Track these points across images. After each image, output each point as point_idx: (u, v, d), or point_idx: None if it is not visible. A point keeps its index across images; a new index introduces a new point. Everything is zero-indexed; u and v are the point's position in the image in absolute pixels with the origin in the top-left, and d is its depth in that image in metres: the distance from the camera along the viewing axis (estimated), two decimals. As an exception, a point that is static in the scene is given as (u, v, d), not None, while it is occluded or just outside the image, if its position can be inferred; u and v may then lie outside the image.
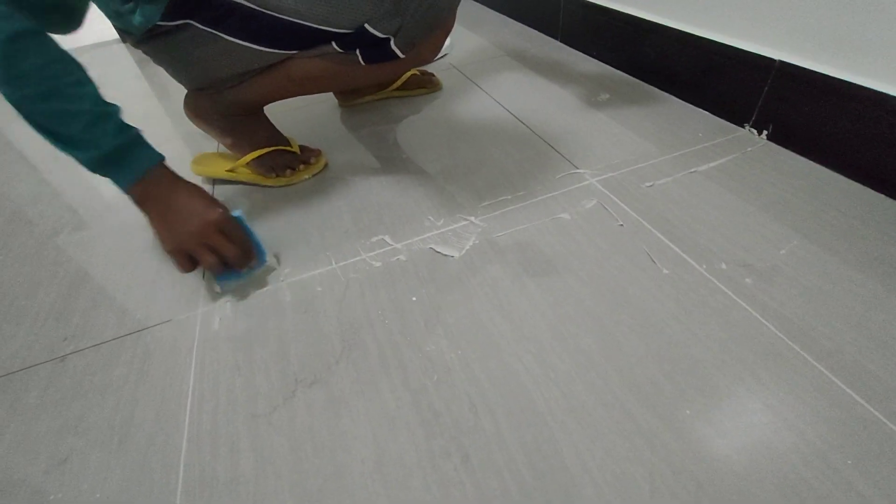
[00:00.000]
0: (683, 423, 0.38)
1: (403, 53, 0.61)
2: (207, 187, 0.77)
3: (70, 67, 0.47)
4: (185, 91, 0.70)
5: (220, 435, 0.42)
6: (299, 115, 0.96)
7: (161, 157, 0.53)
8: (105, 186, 0.81)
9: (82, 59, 0.48)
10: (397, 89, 0.97)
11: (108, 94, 0.48)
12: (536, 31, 1.25)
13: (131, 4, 0.53)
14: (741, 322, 0.45)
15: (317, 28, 0.56)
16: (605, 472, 0.36)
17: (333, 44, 0.59)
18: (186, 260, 0.53)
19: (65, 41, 0.47)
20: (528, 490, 0.35)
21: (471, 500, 0.35)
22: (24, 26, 0.43)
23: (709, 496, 0.34)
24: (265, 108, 0.75)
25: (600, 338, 0.45)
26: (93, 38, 1.60)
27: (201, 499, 0.38)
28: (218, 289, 0.56)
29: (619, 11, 0.92)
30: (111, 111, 0.49)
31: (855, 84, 0.57)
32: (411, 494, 0.36)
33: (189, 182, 0.55)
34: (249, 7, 0.54)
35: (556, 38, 1.18)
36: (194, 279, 0.59)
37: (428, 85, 0.98)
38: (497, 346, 0.46)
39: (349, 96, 0.97)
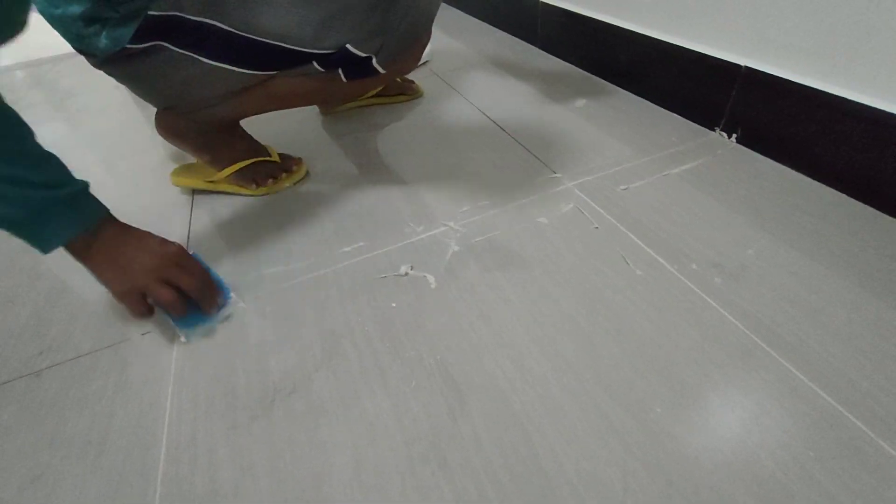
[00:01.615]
0: (655, 421, 0.39)
1: (384, 69, 0.61)
2: (187, 198, 0.77)
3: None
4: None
5: (198, 447, 0.42)
6: (280, 124, 0.95)
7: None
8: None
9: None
10: (378, 96, 0.98)
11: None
12: (516, 38, 1.27)
13: (96, 26, 0.52)
14: (711, 321, 0.46)
15: (299, 50, 0.57)
16: (581, 473, 0.37)
17: (315, 63, 0.59)
18: (139, 302, 0.49)
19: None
20: (506, 493, 0.36)
21: (448, 504, 0.36)
22: None
23: (680, 493, 0.35)
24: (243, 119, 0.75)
25: (576, 340, 0.46)
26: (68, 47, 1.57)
27: (179, 512, 0.38)
28: (182, 338, 0.51)
29: (594, 19, 0.94)
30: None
31: (817, 89, 0.59)
32: (389, 501, 0.36)
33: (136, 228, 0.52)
34: (228, 31, 0.53)
35: (534, 44, 1.20)
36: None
37: (409, 92, 0.99)
38: (475, 351, 0.47)
39: (330, 104, 0.97)
